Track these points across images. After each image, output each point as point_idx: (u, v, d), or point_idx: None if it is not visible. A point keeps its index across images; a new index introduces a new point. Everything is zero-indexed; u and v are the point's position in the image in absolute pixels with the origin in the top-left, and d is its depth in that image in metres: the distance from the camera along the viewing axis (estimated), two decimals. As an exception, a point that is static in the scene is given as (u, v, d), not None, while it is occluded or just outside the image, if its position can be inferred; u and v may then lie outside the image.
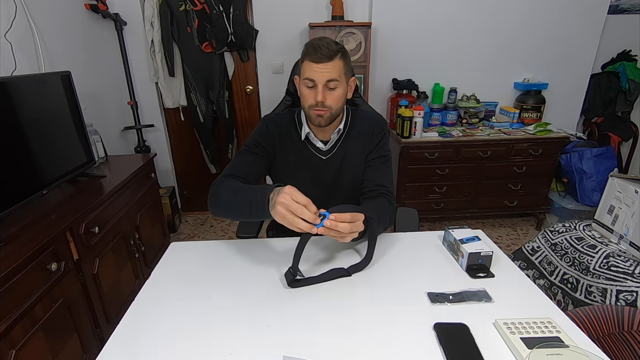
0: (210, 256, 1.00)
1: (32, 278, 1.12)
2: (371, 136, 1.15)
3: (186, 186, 3.02)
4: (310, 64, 0.99)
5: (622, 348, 0.92)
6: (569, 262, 1.53)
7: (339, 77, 1.00)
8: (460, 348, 0.68)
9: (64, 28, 1.96)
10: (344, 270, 0.91)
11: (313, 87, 1.01)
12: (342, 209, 0.82)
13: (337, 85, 1.01)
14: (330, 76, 0.98)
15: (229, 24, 2.44)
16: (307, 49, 1.00)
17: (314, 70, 0.98)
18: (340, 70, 1.00)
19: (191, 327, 0.75)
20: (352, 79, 1.08)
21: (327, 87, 1.00)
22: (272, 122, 1.15)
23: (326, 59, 0.97)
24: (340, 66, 1.00)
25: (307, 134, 1.12)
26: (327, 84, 0.99)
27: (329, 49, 0.97)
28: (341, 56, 1.00)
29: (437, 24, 2.57)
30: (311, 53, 0.98)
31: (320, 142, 1.13)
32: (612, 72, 2.76)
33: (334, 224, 0.78)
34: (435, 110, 2.68)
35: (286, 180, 1.13)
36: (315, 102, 1.00)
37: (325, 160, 1.14)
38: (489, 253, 0.91)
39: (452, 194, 2.60)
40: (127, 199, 1.76)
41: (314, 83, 1.00)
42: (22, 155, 1.35)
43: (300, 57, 1.04)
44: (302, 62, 1.03)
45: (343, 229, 0.79)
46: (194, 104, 2.63)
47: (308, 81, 1.00)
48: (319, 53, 0.96)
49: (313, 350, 0.68)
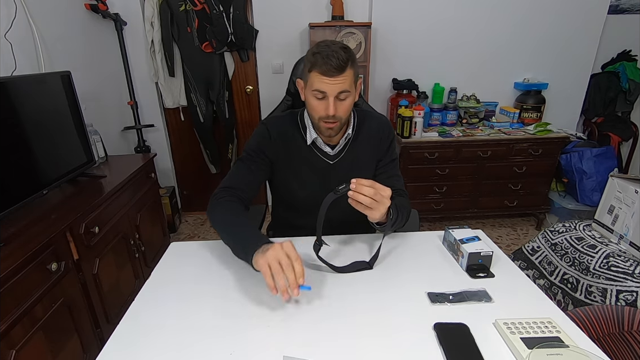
0: (210, 256, 1.00)
1: (32, 278, 1.12)
2: (380, 140, 1.13)
3: (186, 186, 3.02)
4: (320, 76, 0.93)
5: (622, 348, 0.92)
6: (569, 262, 1.53)
7: (349, 88, 0.96)
8: (460, 348, 0.68)
9: (64, 28, 1.96)
10: (365, 264, 0.93)
11: (323, 99, 0.96)
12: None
13: (348, 95, 0.97)
14: (342, 88, 0.94)
15: (229, 24, 2.44)
16: (315, 59, 0.92)
17: (325, 83, 0.93)
18: (351, 80, 0.96)
19: (191, 327, 0.75)
20: (359, 82, 1.04)
21: (338, 98, 0.96)
22: (273, 126, 1.10)
23: (337, 72, 0.92)
24: (350, 76, 0.95)
25: (315, 140, 1.08)
26: (339, 95, 0.95)
27: (339, 59, 0.91)
28: (351, 64, 0.94)
29: (437, 24, 2.57)
30: (321, 64, 0.91)
31: (327, 147, 1.10)
32: (612, 72, 2.76)
33: (358, 186, 0.81)
34: (435, 110, 2.68)
35: (294, 187, 1.13)
36: (326, 115, 0.97)
37: (332, 164, 1.11)
38: (489, 253, 0.91)
39: (452, 194, 2.60)
40: (127, 199, 1.76)
41: (324, 95, 0.95)
42: (22, 155, 1.35)
43: (307, 65, 0.96)
44: (309, 71, 0.96)
45: (368, 192, 0.81)
46: (194, 104, 2.63)
47: (318, 93, 0.95)
48: (329, 65, 0.90)
49: (313, 350, 0.68)
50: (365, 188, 0.82)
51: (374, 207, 0.84)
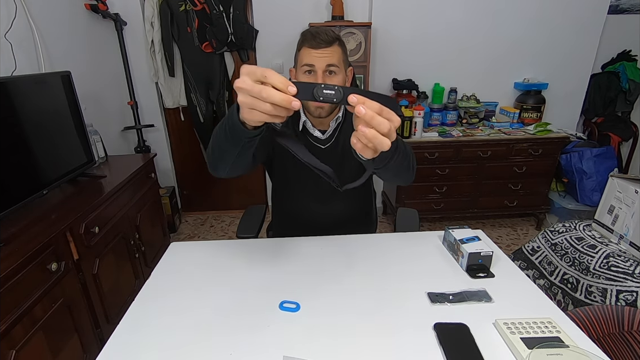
0: (210, 256, 1.00)
1: (32, 278, 1.12)
2: None
3: (186, 186, 3.02)
4: (309, 49, 0.96)
5: (622, 348, 0.92)
6: (569, 262, 1.53)
7: (338, 63, 0.97)
8: (460, 348, 0.68)
9: (64, 28, 1.96)
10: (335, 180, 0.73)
11: (311, 74, 0.97)
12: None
13: (337, 71, 0.97)
14: (330, 61, 0.95)
15: (229, 24, 2.44)
16: (304, 37, 0.98)
17: (313, 56, 0.95)
18: (340, 56, 0.98)
19: (191, 327, 0.75)
20: (350, 69, 1.06)
21: (327, 73, 0.96)
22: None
23: (325, 44, 0.95)
24: (339, 53, 0.98)
25: (304, 123, 1.07)
26: (328, 68, 0.96)
27: (328, 34, 0.95)
28: (339, 44, 0.98)
29: (437, 24, 2.57)
30: (309, 39, 0.95)
31: (317, 131, 1.09)
32: (612, 72, 2.76)
33: (361, 99, 0.54)
34: (435, 110, 2.68)
35: (290, 175, 1.12)
36: None
37: (324, 149, 1.10)
38: (489, 253, 0.91)
39: (452, 194, 2.60)
40: (127, 199, 1.76)
41: (312, 68, 0.96)
42: (22, 155, 1.35)
43: (297, 46, 1.01)
44: (298, 50, 1.00)
45: (372, 107, 0.54)
46: (194, 104, 2.63)
47: (306, 67, 0.97)
48: (317, 39, 0.94)
49: (313, 350, 0.68)
50: (369, 102, 0.55)
51: (377, 142, 0.56)
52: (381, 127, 0.55)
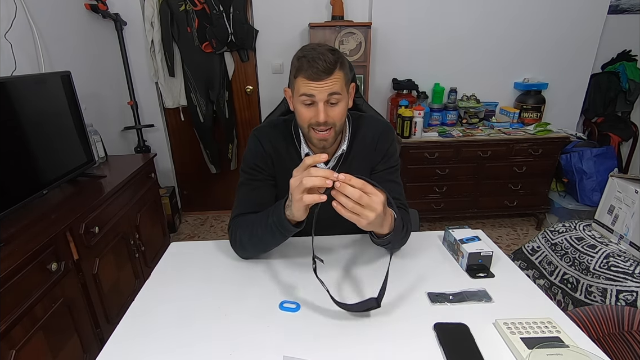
0: (210, 256, 1.00)
1: (32, 278, 1.12)
2: (375, 149, 1.04)
3: (186, 186, 3.02)
4: (307, 81, 0.85)
5: (622, 348, 0.92)
6: (569, 262, 1.53)
7: (340, 90, 0.87)
8: (460, 348, 0.68)
9: (64, 28, 1.96)
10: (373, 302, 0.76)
11: (312, 105, 0.88)
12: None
13: (339, 99, 0.88)
14: (332, 89, 0.85)
15: (229, 24, 2.44)
16: (300, 64, 0.85)
17: (312, 88, 0.85)
18: (342, 82, 0.87)
19: (191, 327, 0.75)
20: (352, 85, 0.96)
21: (328, 103, 0.87)
22: (265, 138, 1.01)
23: (325, 75, 0.83)
24: (340, 77, 0.86)
25: (307, 155, 1.00)
26: (329, 98, 0.86)
27: (326, 61, 0.83)
28: (340, 66, 0.86)
29: (437, 24, 2.57)
30: (306, 68, 0.84)
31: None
32: (612, 72, 2.76)
33: (343, 186, 0.69)
34: (435, 110, 2.68)
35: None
36: (317, 122, 0.88)
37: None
38: (489, 253, 0.91)
39: (452, 194, 2.60)
40: (127, 199, 1.76)
41: (313, 99, 0.86)
42: (22, 155, 1.35)
43: (292, 71, 0.89)
44: (294, 77, 0.88)
45: (351, 193, 0.69)
46: (194, 104, 2.63)
47: (305, 97, 0.86)
48: (314, 68, 0.83)
49: (313, 350, 0.68)
50: (348, 188, 0.69)
51: (359, 212, 0.70)
52: (354, 196, 0.69)
